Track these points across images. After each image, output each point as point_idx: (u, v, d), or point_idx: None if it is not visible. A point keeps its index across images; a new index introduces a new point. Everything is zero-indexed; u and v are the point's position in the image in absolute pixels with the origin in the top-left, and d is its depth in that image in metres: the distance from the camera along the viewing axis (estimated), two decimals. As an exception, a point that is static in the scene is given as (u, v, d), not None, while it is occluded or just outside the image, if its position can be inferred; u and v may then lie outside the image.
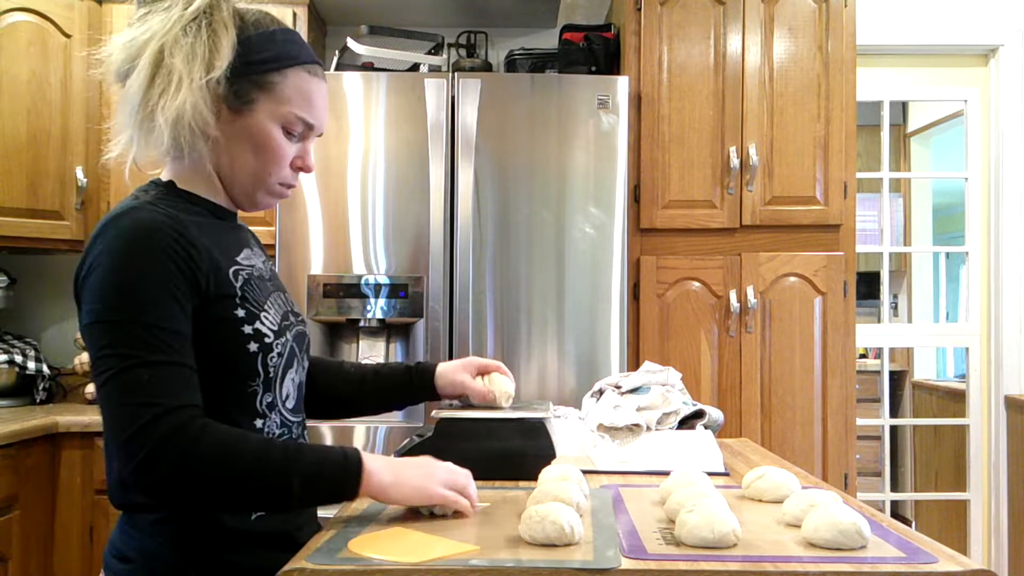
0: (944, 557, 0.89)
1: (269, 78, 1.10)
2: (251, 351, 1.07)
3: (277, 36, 1.12)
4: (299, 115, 1.12)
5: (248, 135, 1.10)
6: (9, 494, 2.28)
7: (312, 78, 1.14)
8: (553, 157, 2.46)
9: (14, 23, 2.67)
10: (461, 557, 0.89)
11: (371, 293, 2.42)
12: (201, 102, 1.05)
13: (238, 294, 1.08)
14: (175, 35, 1.05)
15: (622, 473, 1.40)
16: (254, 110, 1.10)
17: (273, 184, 1.14)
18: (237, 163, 1.12)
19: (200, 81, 1.04)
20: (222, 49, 1.06)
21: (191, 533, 1.05)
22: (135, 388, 0.95)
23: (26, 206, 2.69)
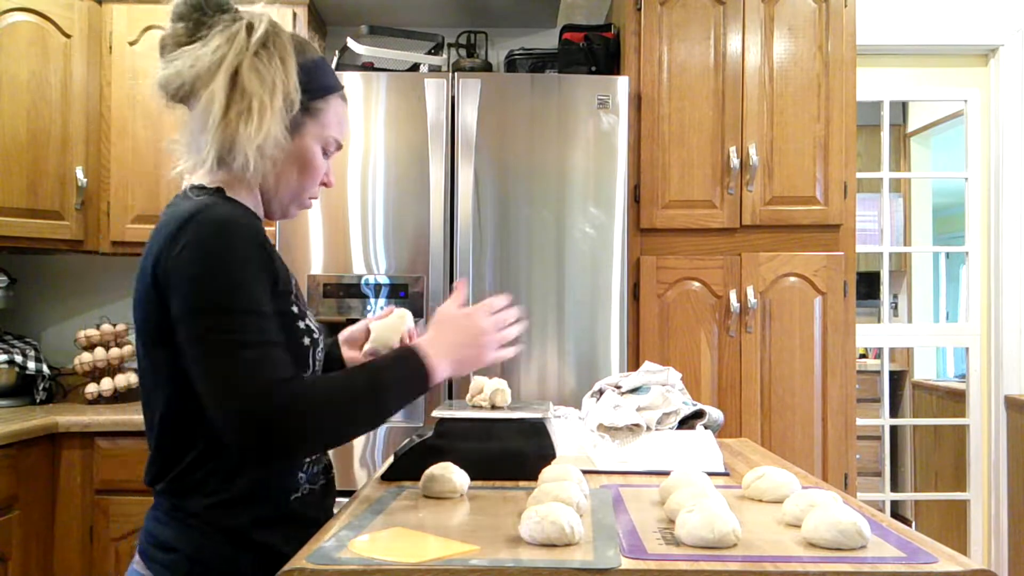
0: (944, 557, 0.89)
1: (317, 105, 1.19)
2: (306, 345, 1.15)
3: (321, 65, 1.21)
4: (336, 138, 1.23)
5: (295, 157, 1.18)
6: (9, 494, 2.28)
7: (344, 104, 1.25)
8: (553, 157, 2.46)
9: (14, 23, 2.67)
10: (461, 557, 0.89)
11: (371, 293, 2.42)
12: (279, 129, 1.12)
13: (293, 291, 1.16)
14: (250, 60, 1.10)
15: (622, 473, 1.40)
16: (302, 134, 1.18)
17: (306, 199, 1.26)
18: (282, 180, 1.20)
19: (280, 109, 1.11)
20: (291, 77, 1.13)
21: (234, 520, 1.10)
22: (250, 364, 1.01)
23: (26, 206, 2.69)
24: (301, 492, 1.17)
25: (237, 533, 1.10)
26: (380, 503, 1.14)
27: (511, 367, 2.43)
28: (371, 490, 1.25)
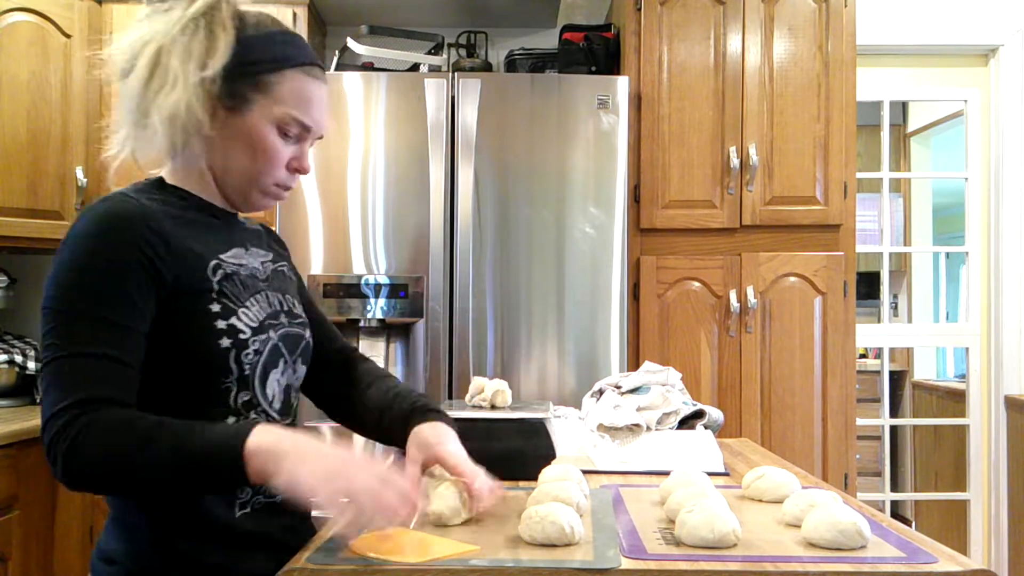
0: (944, 557, 0.89)
1: (265, 79, 1.09)
2: (223, 346, 1.04)
3: (276, 37, 1.11)
4: (295, 116, 1.11)
5: (243, 135, 1.09)
6: (9, 494, 2.27)
7: (310, 79, 1.13)
8: (553, 157, 2.46)
9: (14, 23, 2.67)
10: (461, 557, 0.89)
11: (371, 293, 2.42)
12: (195, 100, 1.05)
13: (215, 288, 1.06)
14: (174, 35, 1.05)
15: (622, 473, 1.40)
16: (250, 110, 1.09)
17: (268, 185, 1.13)
18: (231, 163, 1.11)
19: (195, 79, 1.04)
20: (218, 48, 1.06)
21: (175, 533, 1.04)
22: (57, 379, 0.95)
23: (26, 206, 2.69)
24: (252, 506, 1.08)
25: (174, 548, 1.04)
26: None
27: (511, 367, 2.43)
28: (371, 490, 1.24)
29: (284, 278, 1.23)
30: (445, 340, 2.43)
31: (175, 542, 1.04)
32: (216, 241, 1.11)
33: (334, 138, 2.45)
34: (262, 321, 1.10)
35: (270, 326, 1.11)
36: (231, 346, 1.05)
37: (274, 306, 1.14)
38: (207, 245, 1.09)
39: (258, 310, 1.10)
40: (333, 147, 2.45)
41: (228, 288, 1.08)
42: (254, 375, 1.08)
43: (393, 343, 2.48)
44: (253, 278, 1.14)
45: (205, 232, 1.11)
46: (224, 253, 1.11)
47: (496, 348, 2.43)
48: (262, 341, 1.09)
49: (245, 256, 1.15)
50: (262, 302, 1.12)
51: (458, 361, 2.42)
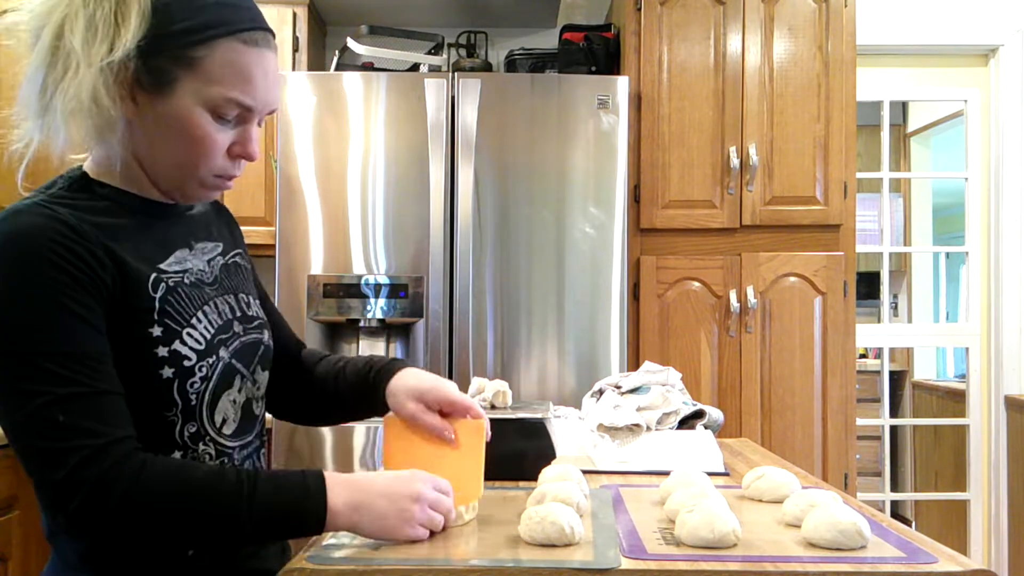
0: (944, 557, 0.89)
1: (191, 53, 0.90)
2: (164, 377, 0.92)
3: (201, 4, 0.91)
4: (231, 96, 0.92)
5: (169, 121, 0.92)
6: (9, 494, 2.27)
7: (249, 49, 0.93)
8: (553, 157, 2.46)
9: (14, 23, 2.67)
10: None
11: (371, 293, 2.42)
12: (102, 88, 0.88)
13: (156, 307, 0.92)
14: (77, 6, 0.88)
15: (622, 473, 1.40)
16: (175, 92, 0.91)
17: (206, 176, 0.96)
18: (159, 153, 0.94)
19: (101, 63, 0.87)
20: (128, 22, 0.88)
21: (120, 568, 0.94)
22: (52, 431, 0.82)
23: (26, 206, 2.68)
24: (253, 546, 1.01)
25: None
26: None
27: (511, 367, 2.43)
28: (371, 490, 1.24)
29: (237, 272, 1.09)
30: (445, 340, 2.43)
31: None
32: (154, 247, 0.97)
33: (334, 138, 2.45)
34: (210, 340, 0.97)
35: (220, 343, 0.98)
36: (173, 376, 0.92)
37: (225, 315, 1.01)
38: (143, 255, 0.94)
39: (206, 326, 0.97)
40: (333, 147, 2.45)
41: (171, 305, 0.94)
42: (201, 404, 0.96)
43: (393, 343, 2.48)
44: (199, 285, 1.00)
45: (139, 238, 0.95)
46: (164, 261, 0.97)
47: (496, 348, 2.43)
48: (210, 365, 0.96)
49: (189, 258, 1.01)
50: (211, 314, 0.99)
51: (458, 361, 2.42)
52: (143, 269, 0.93)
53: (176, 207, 1.03)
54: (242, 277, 1.10)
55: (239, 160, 0.98)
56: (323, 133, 2.45)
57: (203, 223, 1.08)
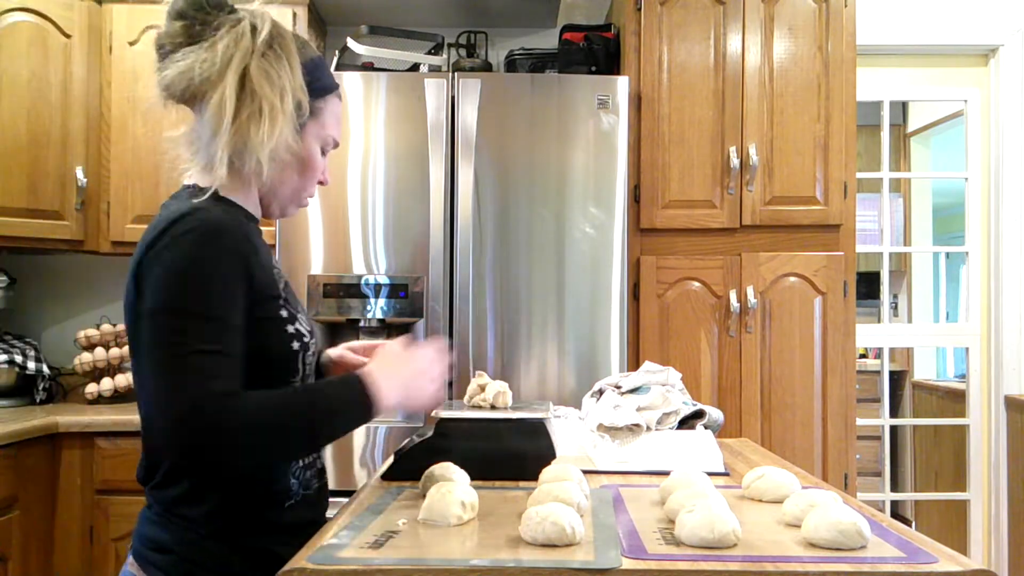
0: (944, 557, 0.89)
1: (318, 104, 1.18)
2: (294, 349, 1.14)
3: (320, 64, 1.20)
4: (335, 137, 1.23)
5: (298, 158, 1.18)
6: (9, 494, 2.28)
7: (339, 102, 1.24)
8: (553, 157, 2.46)
9: (14, 23, 2.67)
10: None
11: (371, 293, 2.42)
12: (291, 132, 1.13)
13: (281, 295, 1.14)
14: (258, 61, 1.10)
15: (622, 473, 1.40)
16: (306, 135, 1.18)
17: (305, 199, 1.25)
18: (284, 181, 1.19)
19: (290, 112, 1.12)
20: (298, 78, 1.13)
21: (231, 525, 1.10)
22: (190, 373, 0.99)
23: (26, 206, 2.69)
24: (294, 499, 1.17)
25: (231, 538, 1.11)
26: (380, 503, 1.14)
27: (511, 367, 2.43)
28: (371, 490, 1.25)
29: None
30: (445, 340, 2.43)
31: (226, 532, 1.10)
32: (266, 249, 1.17)
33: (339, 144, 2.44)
34: (310, 324, 1.21)
35: (312, 329, 1.22)
36: (299, 348, 1.15)
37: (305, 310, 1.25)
38: (266, 254, 1.16)
39: (304, 314, 1.21)
40: (333, 147, 2.45)
41: (288, 294, 1.17)
42: (311, 376, 1.20)
43: (393, 343, 2.48)
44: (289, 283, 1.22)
45: (260, 241, 1.17)
46: (273, 260, 1.18)
47: (496, 348, 2.43)
48: (315, 343, 1.21)
49: (277, 264, 1.22)
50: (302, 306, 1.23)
51: (458, 361, 2.42)
52: (271, 265, 1.15)
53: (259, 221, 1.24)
54: None
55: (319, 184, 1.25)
56: (323, 133, 2.45)
57: None
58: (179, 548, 1.10)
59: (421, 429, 1.48)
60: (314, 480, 1.22)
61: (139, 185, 2.79)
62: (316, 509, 1.22)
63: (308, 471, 1.21)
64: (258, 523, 1.12)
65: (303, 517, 1.17)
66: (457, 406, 1.42)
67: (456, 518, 1.02)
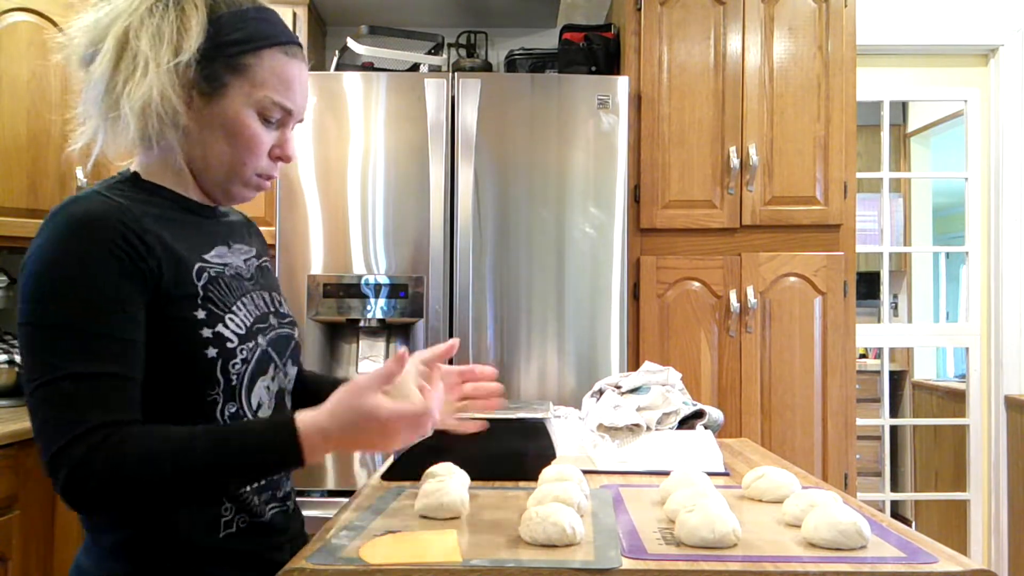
0: (944, 557, 0.89)
1: (243, 60, 1.01)
2: (209, 356, 0.98)
3: (250, 15, 1.03)
4: (276, 100, 1.03)
5: (221, 122, 1.02)
6: (9, 494, 2.27)
7: (290, 59, 1.05)
8: (553, 157, 2.46)
9: (14, 23, 2.67)
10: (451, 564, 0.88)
11: (371, 293, 2.42)
12: (169, 88, 0.97)
13: (199, 294, 0.99)
14: (141, 15, 0.98)
15: (622, 473, 1.40)
16: (227, 95, 1.01)
17: (250, 175, 1.05)
18: (210, 153, 1.03)
19: (168, 65, 0.97)
20: (191, 30, 0.98)
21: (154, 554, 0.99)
22: (59, 403, 0.88)
23: (26, 206, 2.68)
24: (236, 525, 1.03)
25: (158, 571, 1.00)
26: (380, 503, 1.14)
27: (511, 367, 2.43)
28: (371, 490, 1.25)
29: (268, 274, 1.17)
30: (445, 340, 2.42)
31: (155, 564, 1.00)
32: (198, 241, 1.04)
33: (334, 138, 2.45)
34: (249, 327, 1.04)
35: (258, 331, 1.05)
36: (217, 356, 0.98)
37: (261, 308, 1.08)
38: (189, 246, 1.02)
39: (245, 315, 1.04)
40: (333, 147, 2.45)
41: (213, 292, 1.01)
42: (241, 385, 1.02)
43: (393, 343, 2.48)
44: (238, 278, 1.07)
45: (185, 231, 1.03)
46: (207, 253, 1.04)
47: (496, 348, 2.43)
48: (249, 349, 1.03)
49: (228, 254, 1.08)
50: (249, 305, 1.06)
51: (458, 361, 2.42)
52: (189, 258, 1.00)
53: (215, 211, 1.12)
54: (273, 280, 1.19)
55: (278, 161, 1.07)
56: (323, 133, 2.45)
57: (237, 228, 1.17)
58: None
59: (421, 429, 1.47)
60: (269, 507, 1.07)
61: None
62: (270, 538, 1.07)
63: (259, 496, 1.06)
64: (185, 552, 1.00)
65: (248, 547, 1.04)
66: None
67: (453, 510, 1.03)
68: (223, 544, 1.02)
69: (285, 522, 1.10)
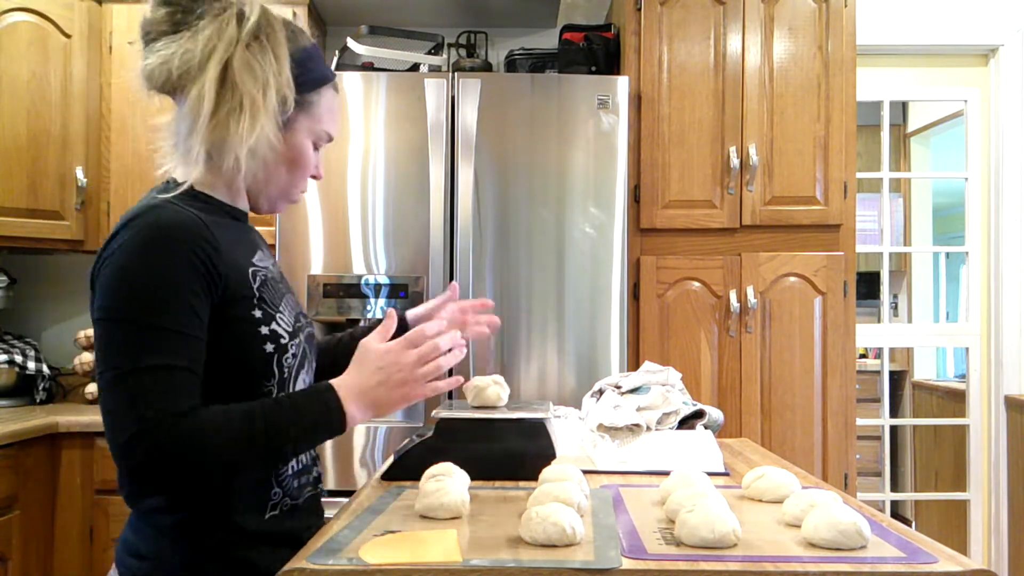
0: (944, 557, 0.89)
1: (309, 98, 1.12)
2: (268, 352, 1.07)
3: (313, 55, 1.13)
4: (328, 131, 1.16)
5: (287, 155, 1.12)
6: (9, 494, 2.28)
7: (335, 94, 1.17)
8: (553, 157, 2.46)
9: (14, 23, 2.67)
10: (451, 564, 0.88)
11: (371, 293, 2.42)
12: (273, 128, 1.07)
13: (256, 295, 1.08)
14: (241, 53, 1.04)
15: (622, 473, 1.40)
16: (295, 129, 1.12)
17: (296, 194, 1.18)
18: (272, 176, 1.13)
19: (273, 107, 1.06)
20: (284, 71, 1.07)
21: (206, 534, 1.06)
22: (137, 392, 0.95)
23: (26, 206, 2.69)
24: (279, 509, 1.12)
25: (205, 547, 1.06)
26: (380, 503, 1.14)
27: (511, 367, 2.43)
28: (371, 490, 1.25)
29: (285, 278, 1.24)
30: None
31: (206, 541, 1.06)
32: (246, 246, 1.12)
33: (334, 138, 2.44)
34: (294, 325, 1.13)
35: (299, 329, 1.15)
36: (274, 351, 1.08)
37: (296, 308, 1.18)
38: (242, 251, 1.10)
39: (288, 313, 1.13)
40: (333, 147, 2.43)
41: (265, 293, 1.10)
42: (291, 378, 1.11)
43: (393, 343, 2.48)
44: (276, 281, 1.15)
45: (237, 237, 1.11)
46: (254, 257, 1.12)
47: (496, 348, 2.43)
48: (296, 344, 1.12)
49: (266, 259, 1.16)
50: (290, 305, 1.15)
51: (459, 363, 2.42)
52: (244, 263, 1.09)
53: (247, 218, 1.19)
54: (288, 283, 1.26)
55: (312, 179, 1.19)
56: (323, 133, 2.45)
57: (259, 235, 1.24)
58: (152, 556, 1.07)
59: (421, 429, 1.47)
60: (306, 489, 1.18)
61: (139, 185, 2.80)
62: (304, 519, 1.16)
63: (298, 479, 1.15)
64: (235, 532, 1.07)
65: (288, 527, 1.12)
66: (457, 406, 1.42)
67: (453, 510, 1.04)
68: (268, 526, 1.10)
69: (315, 504, 1.20)
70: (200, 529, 1.06)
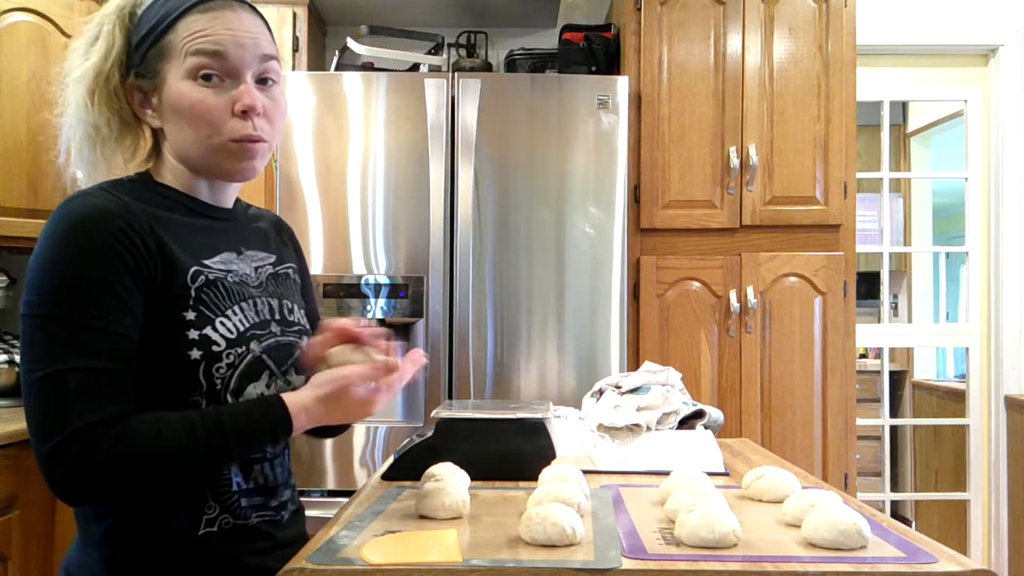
0: (944, 557, 0.89)
1: (163, 42, 1.01)
2: (193, 358, 0.97)
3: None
4: (199, 48, 0.99)
5: (172, 108, 1.01)
6: (9, 494, 2.27)
7: (203, 14, 1.00)
8: (553, 157, 2.46)
9: (14, 23, 2.67)
10: (450, 564, 0.88)
11: (371, 293, 2.42)
12: (80, 96, 1.03)
13: (191, 296, 0.99)
14: (76, 61, 1.05)
15: (622, 473, 1.40)
16: (166, 81, 1.01)
17: (223, 144, 1.02)
18: (180, 140, 1.03)
19: (89, 71, 1.03)
20: (115, 44, 1.03)
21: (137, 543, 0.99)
22: (59, 397, 0.89)
23: (26, 206, 2.68)
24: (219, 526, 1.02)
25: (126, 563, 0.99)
26: (380, 503, 1.14)
27: (511, 367, 2.43)
28: (371, 490, 1.25)
29: (285, 282, 1.17)
30: (445, 340, 2.43)
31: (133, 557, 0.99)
32: (202, 246, 1.04)
33: (334, 138, 2.45)
34: (242, 332, 1.03)
35: (252, 337, 1.04)
36: (201, 358, 0.98)
37: (263, 315, 1.07)
38: (190, 250, 1.02)
39: (240, 320, 1.03)
40: (333, 147, 2.45)
41: (208, 295, 1.01)
42: (226, 390, 1.01)
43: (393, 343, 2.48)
44: (242, 284, 1.06)
45: (190, 235, 1.04)
46: (210, 258, 1.04)
47: (496, 348, 2.43)
48: (238, 354, 1.02)
49: (236, 261, 1.08)
50: (248, 311, 1.05)
51: (458, 361, 2.42)
52: (186, 260, 1.00)
53: (232, 214, 1.12)
54: (290, 288, 1.17)
55: (248, 119, 1.02)
56: (323, 133, 2.45)
57: (258, 235, 1.16)
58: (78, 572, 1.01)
59: (421, 429, 1.47)
60: (256, 514, 1.06)
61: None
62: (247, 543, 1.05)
63: (247, 499, 1.05)
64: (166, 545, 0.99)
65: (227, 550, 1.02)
66: (457, 406, 1.42)
67: (453, 510, 1.04)
68: (201, 542, 1.01)
69: (273, 530, 1.09)
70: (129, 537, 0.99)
